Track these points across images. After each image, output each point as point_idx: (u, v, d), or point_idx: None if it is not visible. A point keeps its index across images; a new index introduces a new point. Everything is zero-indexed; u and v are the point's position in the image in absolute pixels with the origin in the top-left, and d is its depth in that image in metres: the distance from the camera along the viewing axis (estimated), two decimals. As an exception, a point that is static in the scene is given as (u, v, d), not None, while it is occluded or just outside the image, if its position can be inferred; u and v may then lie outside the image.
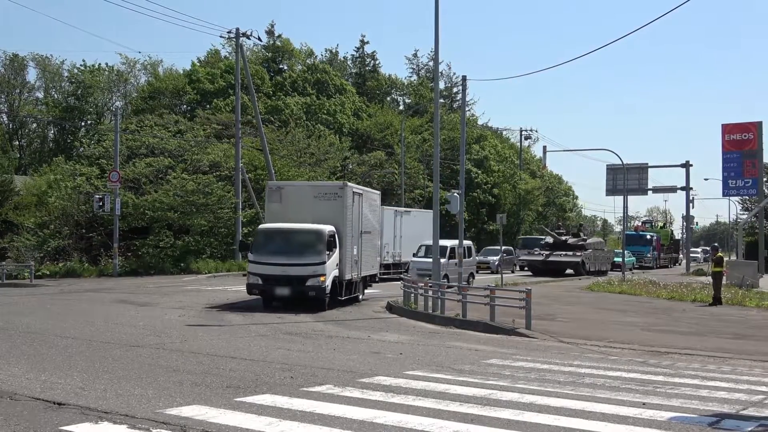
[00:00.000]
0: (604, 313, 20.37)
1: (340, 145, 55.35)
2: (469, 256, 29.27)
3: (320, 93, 64.03)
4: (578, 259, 42.14)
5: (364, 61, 76.98)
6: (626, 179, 45.82)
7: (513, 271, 44.05)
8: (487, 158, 64.50)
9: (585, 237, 47.19)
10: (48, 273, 33.51)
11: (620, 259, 51.66)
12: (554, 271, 41.48)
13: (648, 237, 59.47)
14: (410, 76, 78.85)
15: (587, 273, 42.00)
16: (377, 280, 25.99)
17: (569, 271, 42.66)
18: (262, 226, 20.90)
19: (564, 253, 42.69)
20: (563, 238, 44.60)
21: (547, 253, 43.00)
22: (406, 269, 31.41)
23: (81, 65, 65.24)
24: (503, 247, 46.20)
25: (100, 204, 34.91)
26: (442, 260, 27.88)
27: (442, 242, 30.72)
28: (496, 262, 41.30)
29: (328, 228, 20.01)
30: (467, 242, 30.79)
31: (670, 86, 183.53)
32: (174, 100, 61.08)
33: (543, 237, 52.84)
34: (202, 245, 38.23)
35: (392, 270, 32.52)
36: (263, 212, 27.51)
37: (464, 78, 31.39)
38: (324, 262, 19.46)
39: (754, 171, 44.27)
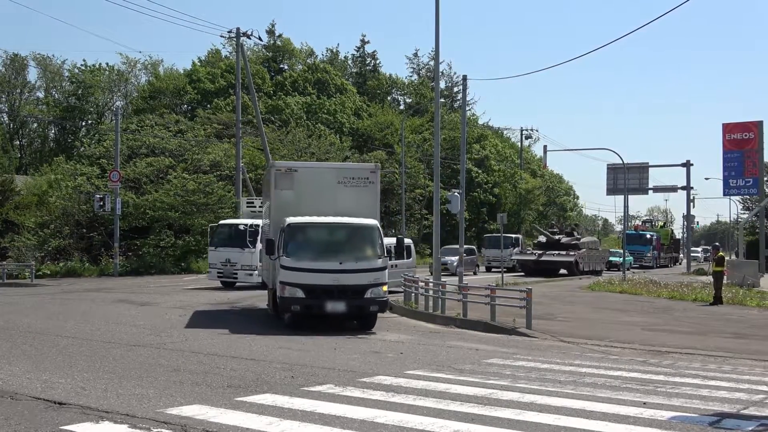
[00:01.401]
0: (605, 313, 20.35)
1: (341, 145, 55.36)
2: (409, 256, 25.96)
3: (321, 93, 64.10)
4: (572, 259, 41.32)
5: (364, 60, 77.07)
6: (627, 179, 45.79)
7: (476, 273, 40.98)
8: (487, 158, 64.54)
9: (579, 236, 46.27)
10: (48, 273, 33.56)
11: (616, 259, 51.68)
12: (547, 271, 40.42)
13: (648, 236, 59.42)
14: (411, 76, 79.04)
15: (581, 273, 41.21)
16: None
17: (563, 271, 41.88)
18: (292, 220, 15.91)
19: (557, 252, 41.78)
20: (556, 237, 43.74)
21: (540, 252, 42.01)
22: None
23: (81, 65, 65.37)
24: (464, 247, 44.88)
25: (101, 204, 34.95)
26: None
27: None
28: (455, 263, 39.96)
29: (376, 222, 16.53)
30: (405, 240, 27.38)
31: (671, 85, 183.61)
32: (174, 99, 61.15)
33: (510, 235, 52.29)
34: (202, 245, 38.25)
35: None
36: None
37: (465, 78, 31.46)
38: (385, 267, 15.87)
39: (754, 170, 44.25)
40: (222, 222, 29.69)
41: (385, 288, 15.75)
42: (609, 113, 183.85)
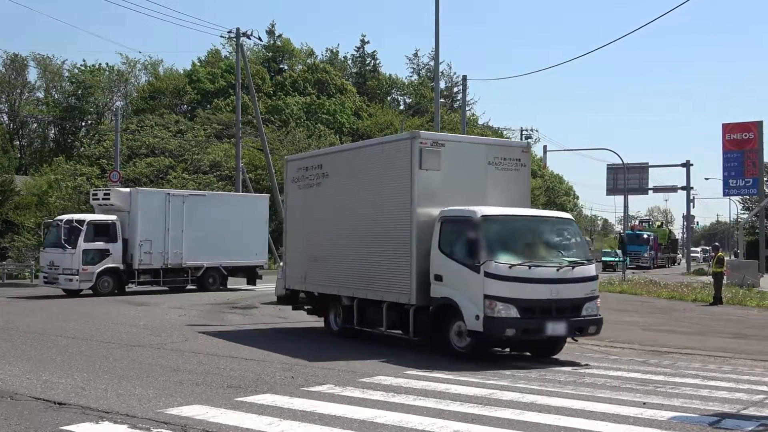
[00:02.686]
0: (604, 313, 20.16)
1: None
2: None
3: (321, 93, 64.08)
4: None
5: (364, 60, 77.02)
6: (627, 179, 45.83)
7: None
8: (487, 158, 64.43)
9: None
10: (48, 273, 33.47)
11: (609, 259, 51.53)
12: None
13: (645, 236, 59.30)
14: (411, 76, 79.01)
15: None
16: None
17: None
18: (486, 211, 11.86)
19: None
20: None
21: None
22: (197, 276, 25.89)
23: (81, 65, 65.30)
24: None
25: (101, 204, 34.87)
26: None
27: None
28: None
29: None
30: None
31: (671, 85, 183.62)
32: (174, 99, 61.14)
33: None
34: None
35: (169, 276, 25.30)
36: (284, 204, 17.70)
37: (465, 78, 31.51)
38: (598, 276, 12.47)
39: (754, 170, 44.27)
40: (56, 218, 26.19)
41: (599, 302, 12.32)
42: (609, 113, 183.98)
